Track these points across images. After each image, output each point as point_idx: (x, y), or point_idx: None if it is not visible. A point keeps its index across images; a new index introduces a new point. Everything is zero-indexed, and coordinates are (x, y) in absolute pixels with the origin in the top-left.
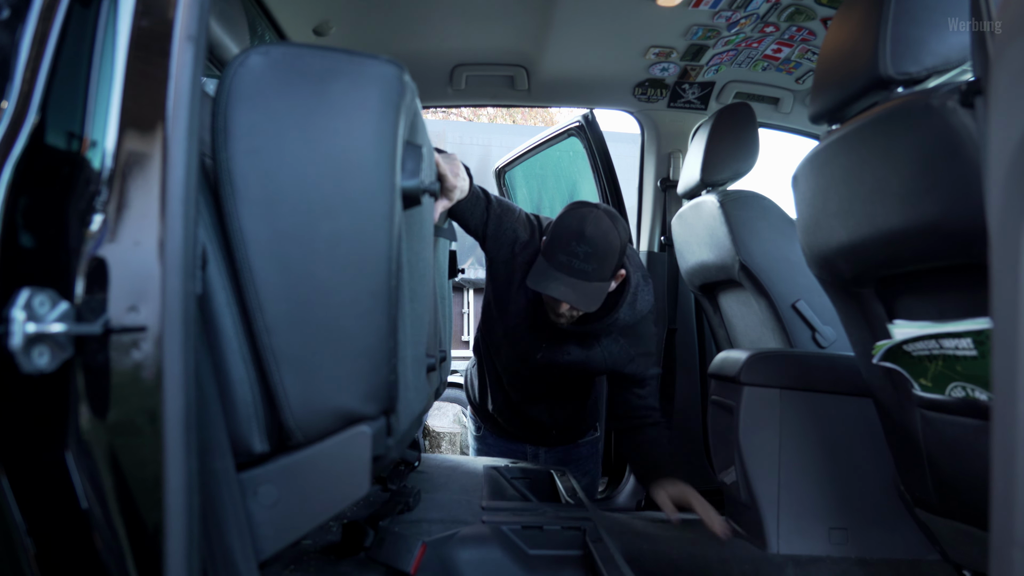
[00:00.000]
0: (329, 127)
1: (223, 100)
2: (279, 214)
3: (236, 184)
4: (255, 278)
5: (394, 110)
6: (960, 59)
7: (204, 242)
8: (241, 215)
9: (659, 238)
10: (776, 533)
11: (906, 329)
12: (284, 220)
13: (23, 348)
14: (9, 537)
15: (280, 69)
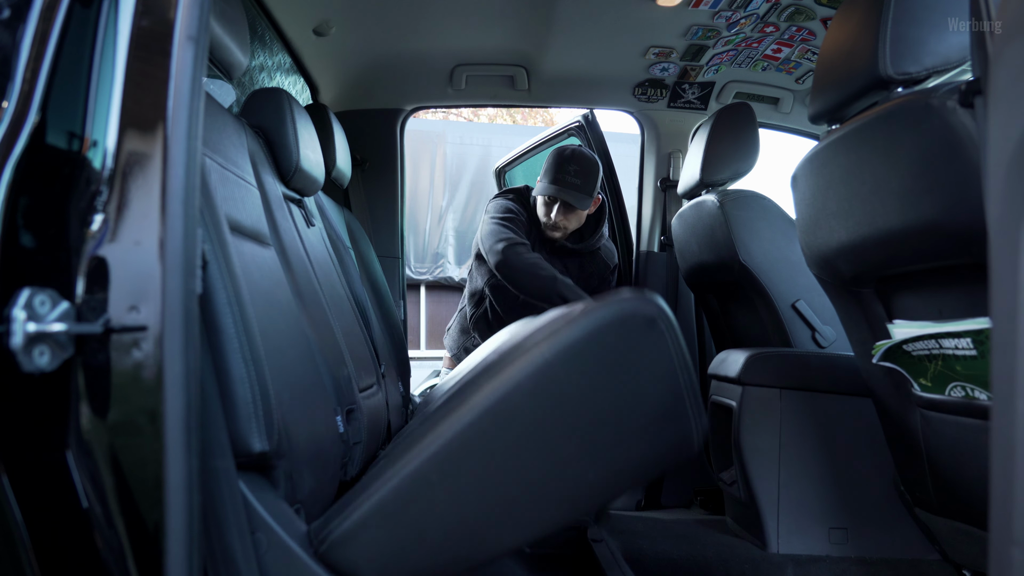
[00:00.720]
0: None
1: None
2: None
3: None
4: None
5: None
6: (960, 59)
7: (204, 243)
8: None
9: (659, 238)
10: (776, 533)
11: (906, 329)
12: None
13: (24, 347)
14: (9, 537)
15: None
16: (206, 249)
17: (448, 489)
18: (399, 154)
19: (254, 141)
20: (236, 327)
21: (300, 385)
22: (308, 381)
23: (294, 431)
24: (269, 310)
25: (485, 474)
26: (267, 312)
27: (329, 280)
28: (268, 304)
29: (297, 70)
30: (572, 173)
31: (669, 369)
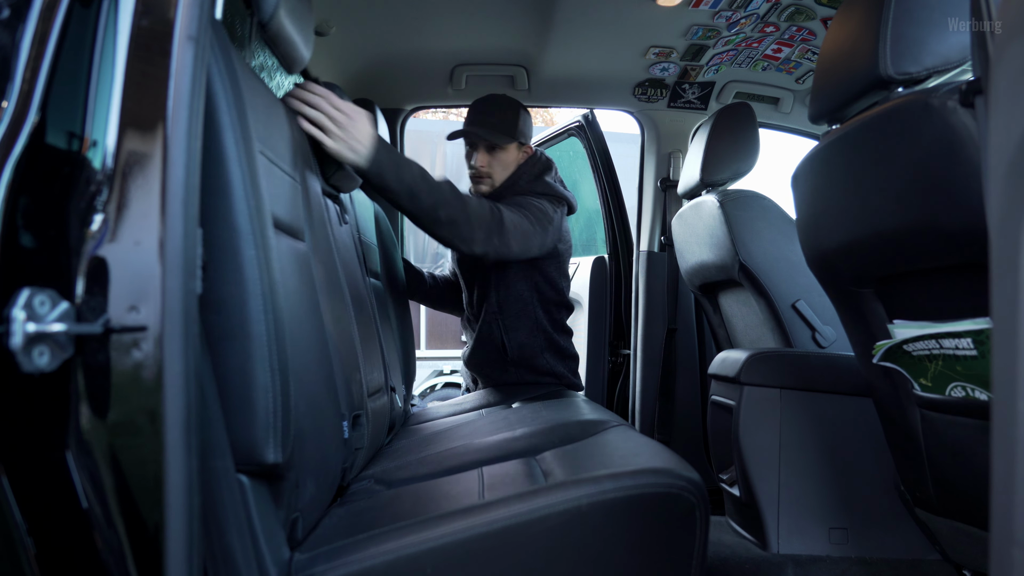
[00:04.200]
0: None
1: None
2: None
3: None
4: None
5: None
6: (960, 59)
7: (250, 248)
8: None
9: (659, 238)
10: (776, 533)
11: (906, 329)
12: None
13: (23, 348)
14: (9, 537)
15: None
16: (249, 254)
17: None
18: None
19: (300, 132)
20: (268, 335)
21: (315, 391)
22: (322, 387)
23: (305, 439)
24: (296, 311)
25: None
26: (294, 313)
27: (353, 279)
28: (296, 304)
29: None
30: (481, 111)
31: (688, 553)
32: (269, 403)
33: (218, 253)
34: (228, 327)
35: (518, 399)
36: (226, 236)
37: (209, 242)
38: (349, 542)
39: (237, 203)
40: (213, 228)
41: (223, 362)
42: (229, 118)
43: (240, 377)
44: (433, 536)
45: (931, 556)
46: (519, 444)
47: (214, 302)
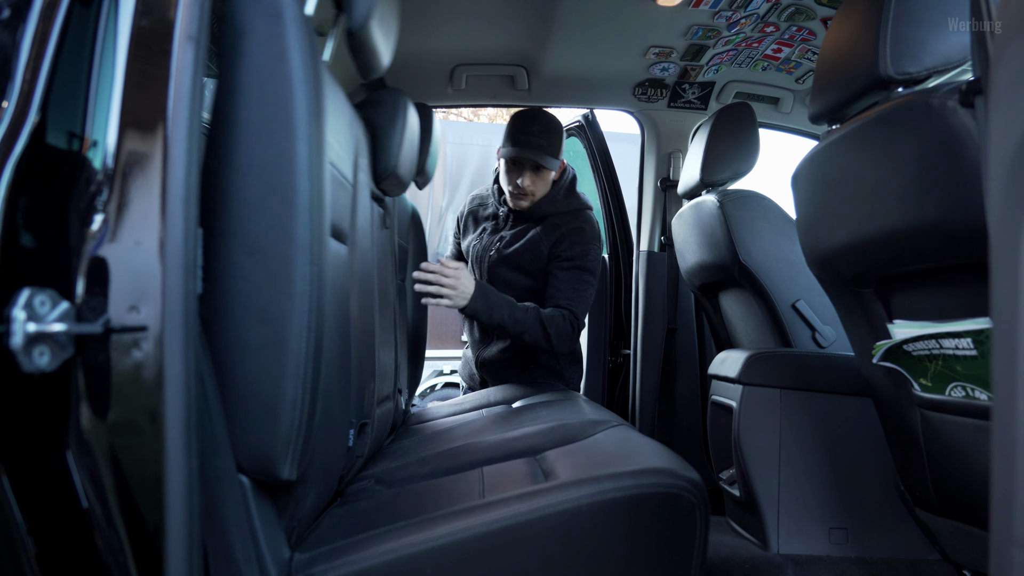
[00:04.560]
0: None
1: None
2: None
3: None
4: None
5: None
6: (960, 59)
7: (307, 264)
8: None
9: (659, 238)
10: (776, 533)
11: (906, 329)
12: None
13: (24, 347)
14: (10, 537)
15: None
16: (303, 270)
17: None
18: None
19: (362, 133)
20: (306, 351)
21: (332, 402)
22: (338, 396)
23: (315, 452)
24: (329, 320)
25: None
26: (328, 323)
27: (384, 284)
28: (329, 313)
29: None
30: (536, 133)
31: (688, 553)
32: (295, 419)
33: (271, 261)
34: (267, 336)
35: (518, 399)
36: (283, 246)
37: (264, 248)
38: (349, 542)
39: (299, 216)
40: (270, 235)
41: (254, 369)
42: (307, 129)
43: (270, 388)
44: (433, 536)
45: (931, 556)
46: (519, 444)
47: (258, 308)
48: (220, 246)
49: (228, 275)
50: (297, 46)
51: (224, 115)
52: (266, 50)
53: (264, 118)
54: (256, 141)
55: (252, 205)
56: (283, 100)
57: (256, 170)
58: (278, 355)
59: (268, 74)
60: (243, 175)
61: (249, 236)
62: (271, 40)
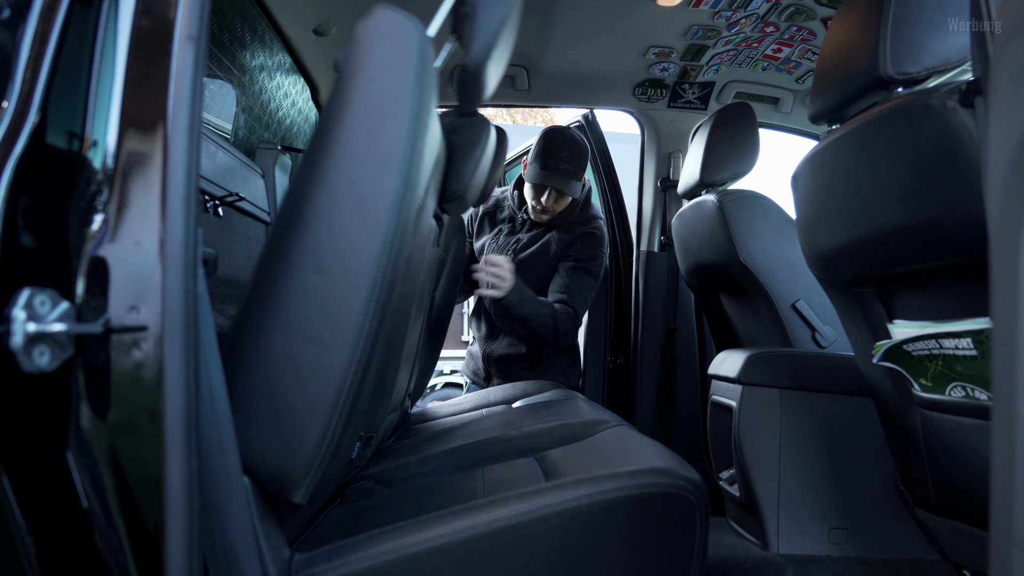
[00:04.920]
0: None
1: None
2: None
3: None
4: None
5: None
6: (960, 59)
7: (371, 298)
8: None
9: (659, 238)
10: (776, 533)
11: (906, 329)
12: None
13: (24, 347)
14: (10, 537)
15: None
16: (369, 306)
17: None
18: None
19: (442, 157)
20: (351, 382)
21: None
22: (358, 413)
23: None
24: (379, 346)
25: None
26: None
27: (422, 299)
28: (383, 338)
29: (297, 70)
30: (564, 159)
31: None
32: (322, 448)
33: (340, 286)
34: (316, 359)
35: (518, 399)
36: (356, 274)
37: (335, 272)
38: (349, 542)
39: (380, 249)
40: (345, 260)
41: (293, 390)
42: (406, 168)
43: (305, 412)
44: (433, 536)
45: (931, 556)
46: (519, 444)
47: (315, 329)
48: (287, 260)
49: (289, 289)
50: (413, 88)
51: (328, 135)
52: (382, 84)
53: (367, 149)
54: (354, 168)
55: (334, 227)
56: (389, 138)
57: (347, 195)
58: (323, 381)
59: (380, 109)
60: (332, 197)
61: (322, 256)
62: (389, 76)
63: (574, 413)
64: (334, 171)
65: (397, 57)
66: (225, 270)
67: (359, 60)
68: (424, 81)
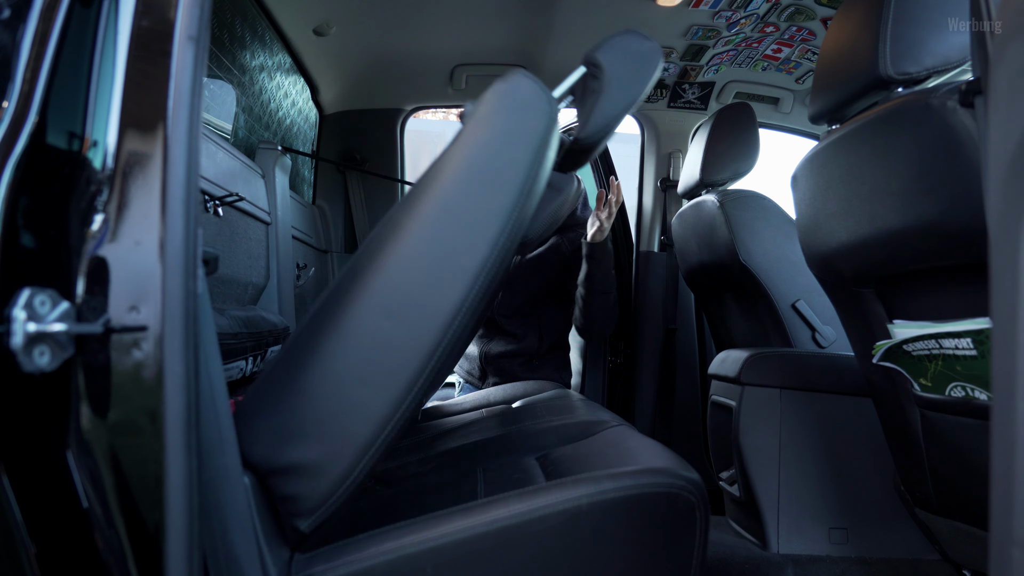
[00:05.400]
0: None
1: None
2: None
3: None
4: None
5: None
6: (960, 59)
7: (450, 328)
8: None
9: (659, 238)
10: (776, 533)
11: (906, 329)
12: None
13: (24, 347)
14: (9, 537)
15: None
16: (447, 336)
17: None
18: (399, 154)
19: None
20: (393, 425)
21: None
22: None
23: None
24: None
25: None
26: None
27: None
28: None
29: (297, 70)
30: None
31: (688, 553)
32: (344, 484)
33: (403, 337)
34: (363, 399)
35: (518, 399)
36: (423, 327)
37: (403, 318)
38: (349, 542)
39: (455, 309)
40: (425, 307)
41: (330, 422)
42: (512, 224)
43: (336, 449)
44: (433, 536)
45: (931, 556)
46: (519, 444)
47: (368, 374)
48: (359, 295)
49: (354, 326)
50: (530, 165)
51: (435, 185)
52: (501, 152)
53: (469, 211)
54: (451, 225)
55: (415, 277)
56: (494, 207)
57: (437, 250)
58: (364, 422)
59: (492, 175)
60: (421, 248)
61: (395, 303)
62: (510, 145)
63: (574, 413)
64: (430, 223)
65: (524, 129)
66: (225, 270)
67: (485, 120)
68: (543, 159)
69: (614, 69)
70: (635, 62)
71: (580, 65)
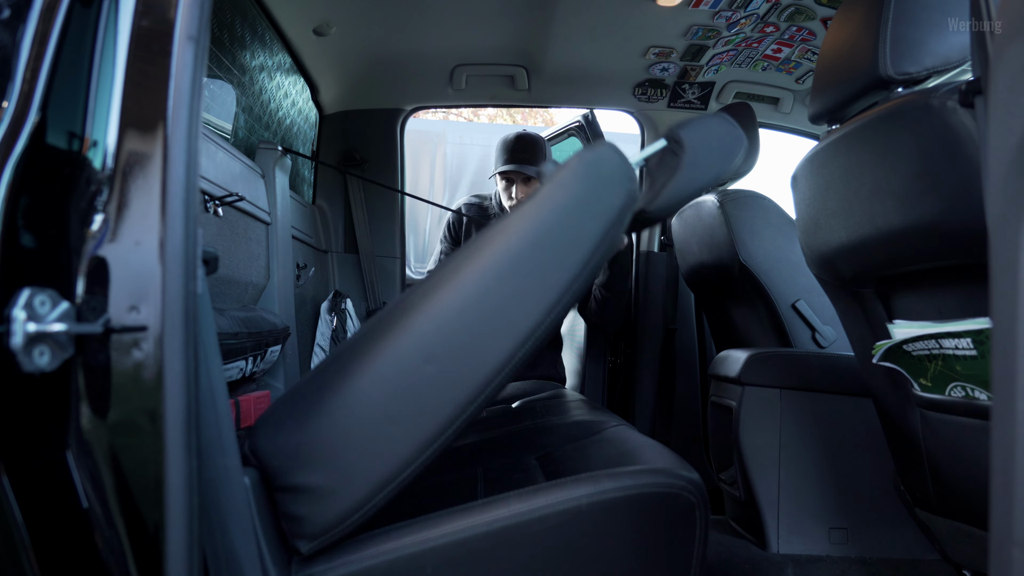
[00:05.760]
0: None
1: None
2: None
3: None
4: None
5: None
6: (960, 59)
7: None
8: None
9: (659, 238)
10: (776, 533)
11: (906, 329)
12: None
13: (24, 347)
14: (9, 537)
15: None
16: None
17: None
18: (399, 154)
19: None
20: (419, 464)
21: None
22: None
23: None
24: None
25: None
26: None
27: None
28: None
29: (297, 70)
30: (519, 150)
31: (688, 553)
32: (354, 517)
33: (442, 385)
34: (391, 436)
35: (518, 399)
36: (464, 378)
37: (445, 366)
38: (349, 542)
39: (498, 366)
40: (460, 363)
41: (354, 452)
42: (576, 285)
43: (356, 481)
44: (433, 536)
45: (931, 556)
46: (519, 443)
47: (400, 414)
48: (403, 334)
49: (393, 363)
50: (600, 236)
51: (502, 238)
52: (574, 219)
53: (531, 272)
54: (509, 282)
55: (463, 326)
56: (556, 271)
57: (490, 305)
58: (387, 460)
59: (561, 241)
60: (474, 300)
61: (439, 349)
62: (584, 214)
63: (574, 413)
64: (490, 275)
65: (602, 201)
66: (225, 270)
67: (566, 185)
68: (615, 235)
69: (695, 150)
70: (717, 147)
71: (662, 138)
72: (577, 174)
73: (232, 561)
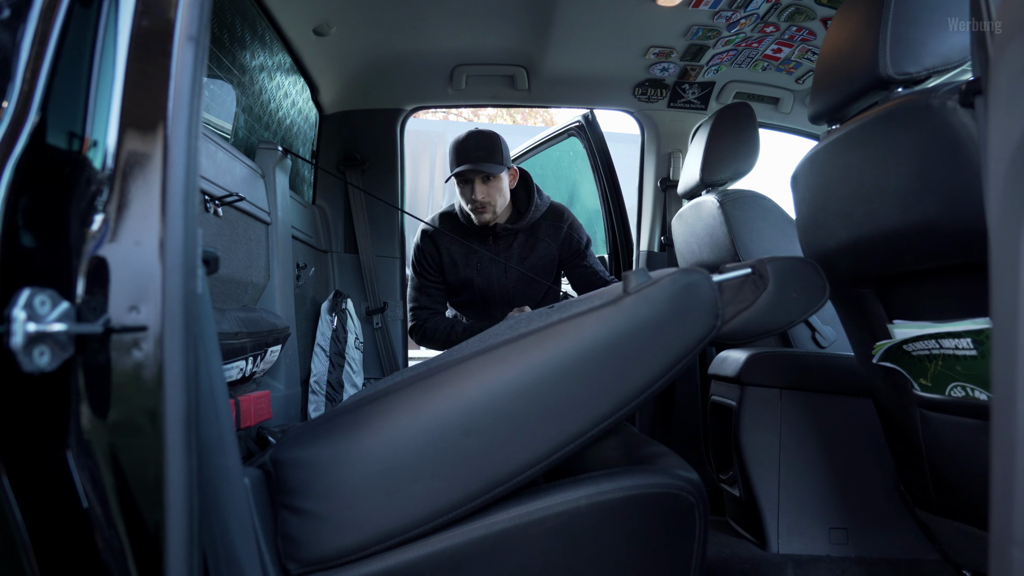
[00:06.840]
0: None
1: None
2: None
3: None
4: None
5: None
6: (960, 59)
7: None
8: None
9: (659, 238)
10: (776, 533)
11: (906, 329)
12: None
13: (24, 347)
14: (9, 537)
15: None
16: (518, 473)
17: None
18: (399, 154)
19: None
20: (428, 528)
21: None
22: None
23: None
24: None
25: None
26: None
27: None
28: None
29: (297, 70)
30: (472, 148)
31: (687, 553)
32: (358, 554)
33: (479, 457)
34: (417, 497)
35: None
36: (500, 459)
37: (484, 440)
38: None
39: (535, 460)
40: (499, 443)
41: (378, 503)
42: (603, 422)
43: (371, 526)
44: (431, 541)
45: (931, 556)
46: None
47: (429, 475)
48: (445, 398)
49: (431, 426)
50: (673, 361)
51: (573, 334)
52: (649, 336)
53: (586, 381)
54: (561, 384)
55: (506, 413)
56: (633, 375)
57: (536, 400)
58: (397, 513)
59: (627, 354)
60: (523, 392)
61: (480, 425)
62: (660, 342)
63: None
64: (551, 367)
65: (684, 327)
66: (225, 270)
67: (652, 301)
68: (686, 364)
69: (776, 289)
70: (800, 293)
71: (747, 267)
72: (667, 293)
73: (232, 561)
